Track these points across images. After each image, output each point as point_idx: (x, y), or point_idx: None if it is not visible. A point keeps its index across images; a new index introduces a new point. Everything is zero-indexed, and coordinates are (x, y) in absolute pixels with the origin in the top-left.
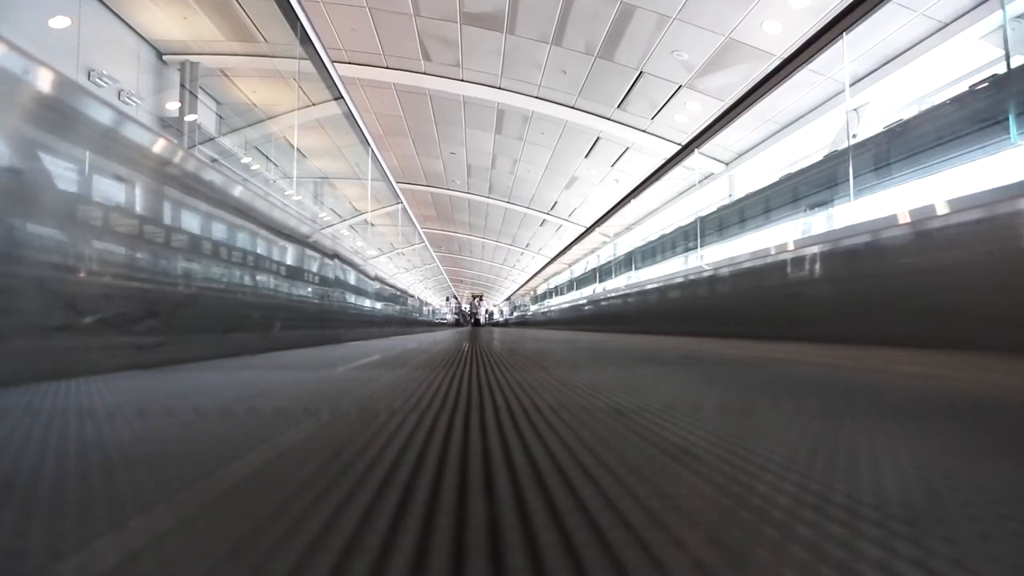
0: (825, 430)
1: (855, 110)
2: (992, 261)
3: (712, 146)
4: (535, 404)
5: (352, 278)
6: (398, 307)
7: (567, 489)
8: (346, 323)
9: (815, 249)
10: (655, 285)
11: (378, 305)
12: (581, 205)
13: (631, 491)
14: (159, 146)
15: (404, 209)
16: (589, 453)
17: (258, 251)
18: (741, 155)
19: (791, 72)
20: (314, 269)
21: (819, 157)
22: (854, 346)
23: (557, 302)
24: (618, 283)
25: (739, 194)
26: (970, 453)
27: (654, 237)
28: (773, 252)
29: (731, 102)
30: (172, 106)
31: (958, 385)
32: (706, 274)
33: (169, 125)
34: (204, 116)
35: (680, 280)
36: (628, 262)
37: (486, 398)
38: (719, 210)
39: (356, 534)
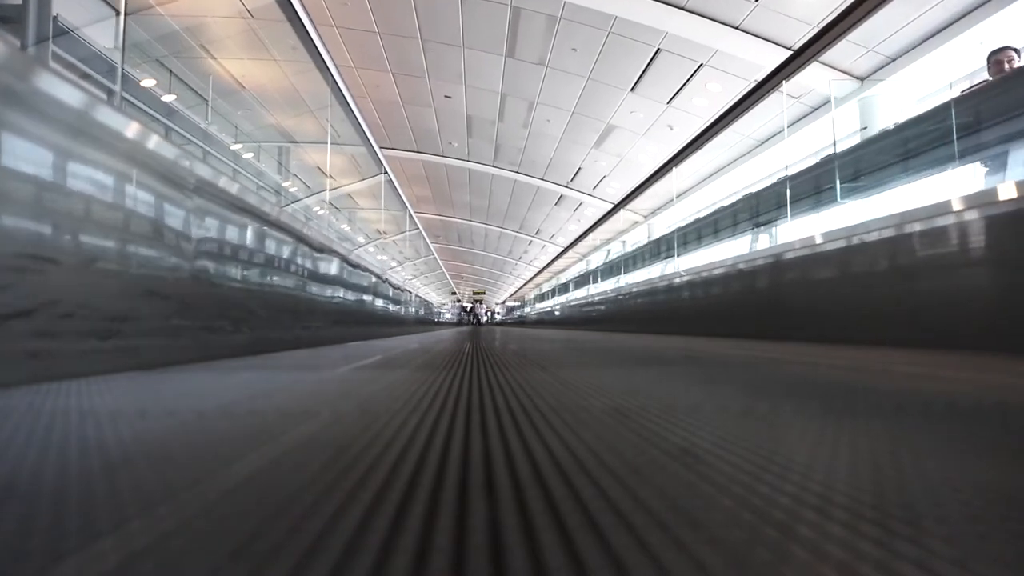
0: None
1: None
2: None
3: (847, 45)
4: (535, 405)
5: (353, 278)
6: (398, 308)
7: (567, 488)
8: (352, 323)
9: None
10: (721, 270)
11: (379, 305)
12: (612, 171)
13: (632, 491)
14: None
15: (390, 181)
16: (590, 453)
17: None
18: (894, 60)
19: None
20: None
21: None
22: None
23: (567, 299)
24: (654, 272)
25: (880, 126)
26: (966, 453)
27: (705, 213)
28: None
29: None
30: None
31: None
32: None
33: (12, 20)
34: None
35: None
36: (668, 247)
37: (487, 399)
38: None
39: (357, 534)
